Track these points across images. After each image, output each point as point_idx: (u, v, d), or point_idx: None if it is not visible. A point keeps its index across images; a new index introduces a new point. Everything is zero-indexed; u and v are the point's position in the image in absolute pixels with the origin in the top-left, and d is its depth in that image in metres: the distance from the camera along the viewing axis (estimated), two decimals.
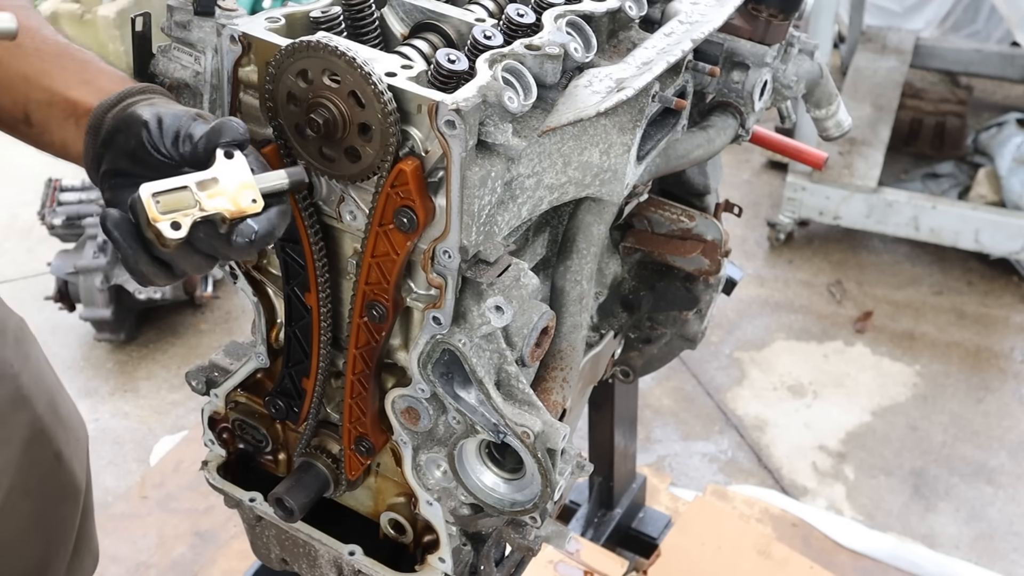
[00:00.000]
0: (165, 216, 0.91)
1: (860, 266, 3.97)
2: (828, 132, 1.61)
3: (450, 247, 1.06)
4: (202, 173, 0.94)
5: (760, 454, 3.17)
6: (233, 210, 0.93)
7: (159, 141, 0.99)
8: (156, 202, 0.91)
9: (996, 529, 2.96)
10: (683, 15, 1.26)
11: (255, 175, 0.96)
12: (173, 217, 0.92)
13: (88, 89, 1.10)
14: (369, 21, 1.14)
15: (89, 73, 1.13)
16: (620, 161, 1.21)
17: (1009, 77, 4.73)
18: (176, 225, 0.92)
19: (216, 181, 0.94)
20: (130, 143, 1.01)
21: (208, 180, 0.94)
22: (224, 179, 0.94)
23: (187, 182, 0.93)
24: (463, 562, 1.36)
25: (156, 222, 0.91)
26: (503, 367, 1.16)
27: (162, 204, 0.91)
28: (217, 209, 0.93)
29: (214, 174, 0.94)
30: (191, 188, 0.93)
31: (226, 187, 0.94)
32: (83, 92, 1.10)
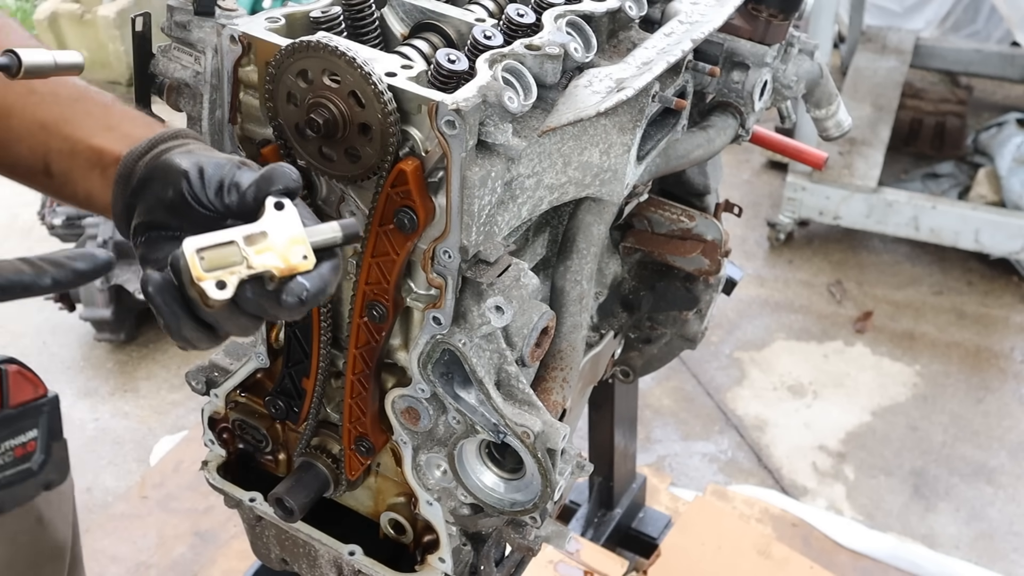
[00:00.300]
0: (210, 274, 0.84)
1: (860, 266, 3.97)
2: (828, 132, 1.61)
3: (450, 247, 1.06)
4: (250, 226, 0.86)
5: (760, 454, 3.17)
6: (283, 267, 0.85)
7: (201, 192, 0.93)
8: (200, 259, 0.83)
9: (996, 529, 2.96)
10: (683, 15, 1.26)
11: (306, 227, 0.88)
12: (218, 275, 0.84)
13: (113, 136, 1.03)
14: (369, 21, 1.14)
15: (113, 118, 1.07)
16: (620, 161, 1.21)
17: (1009, 77, 4.73)
18: (221, 284, 0.84)
19: (265, 235, 0.86)
20: (167, 194, 0.95)
21: (256, 234, 0.86)
22: (273, 233, 0.86)
23: (234, 236, 0.85)
24: (463, 562, 1.36)
25: (200, 281, 0.83)
26: (503, 367, 1.16)
27: (207, 261, 0.84)
28: (266, 266, 0.85)
29: (263, 227, 0.86)
30: (238, 243, 0.85)
31: (275, 242, 0.86)
32: (108, 139, 1.03)
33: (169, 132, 1.03)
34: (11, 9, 5.79)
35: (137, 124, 1.06)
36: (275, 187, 0.90)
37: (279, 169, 0.91)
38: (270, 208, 0.88)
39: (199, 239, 0.85)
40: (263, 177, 0.91)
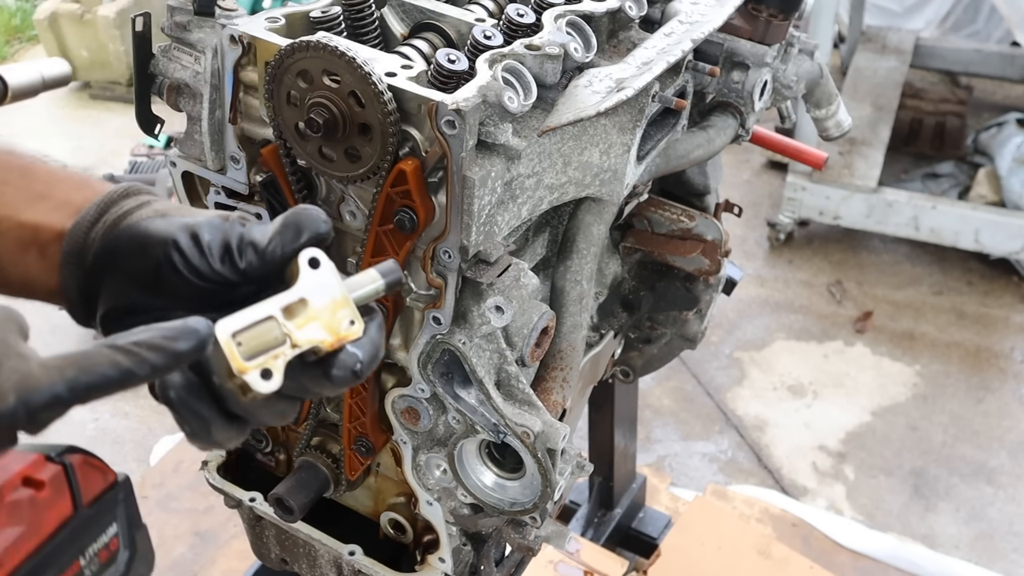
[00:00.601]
0: (252, 362, 0.71)
1: (860, 266, 3.97)
2: (828, 132, 1.60)
3: (450, 247, 1.06)
4: (285, 295, 0.73)
5: (760, 454, 3.17)
6: (331, 340, 0.73)
7: (199, 261, 0.78)
8: (237, 344, 0.70)
9: (996, 529, 2.96)
10: (683, 15, 1.26)
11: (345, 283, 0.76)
12: (261, 362, 0.71)
13: (47, 205, 0.84)
14: (369, 21, 1.14)
15: (38, 183, 0.87)
16: (620, 161, 1.21)
17: (1009, 77, 4.73)
18: (267, 373, 0.71)
19: (304, 303, 0.73)
20: (146, 269, 0.79)
21: (295, 303, 0.73)
22: (313, 298, 0.73)
23: (270, 311, 0.72)
24: (463, 562, 1.36)
25: (243, 373, 0.70)
26: (503, 367, 1.16)
27: (245, 346, 0.71)
28: (312, 341, 0.73)
29: (300, 293, 0.73)
30: (277, 318, 0.72)
31: (317, 308, 0.73)
32: (41, 211, 0.84)
33: (118, 191, 0.85)
34: (11, 9, 5.78)
35: (71, 186, 0.87)
36: (304, 238, 0.77)
37: (305, 214, 0.78)
38: (304, 267, 0.74)
39: (231, 321, 0.71)
40: (287, 227, 0.77)
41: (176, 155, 1.22)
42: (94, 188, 0.86)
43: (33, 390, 0.64)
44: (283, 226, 0.77)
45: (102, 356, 0.66)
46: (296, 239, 0.77)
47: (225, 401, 0.74)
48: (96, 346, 0.67)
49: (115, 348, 0.66)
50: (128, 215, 0.82)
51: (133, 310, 0.80)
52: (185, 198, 1.26)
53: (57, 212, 0.84)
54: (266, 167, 1.14)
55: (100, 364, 0.66)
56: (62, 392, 0.64)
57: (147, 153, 3.93)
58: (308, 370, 0.74)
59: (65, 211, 0.84)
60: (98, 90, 5.04)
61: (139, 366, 0.66)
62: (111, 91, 5.02)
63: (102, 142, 4.66)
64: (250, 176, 1.18)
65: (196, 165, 1.21)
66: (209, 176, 1.20)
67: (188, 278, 0.79)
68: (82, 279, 0.82)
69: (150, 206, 0.84)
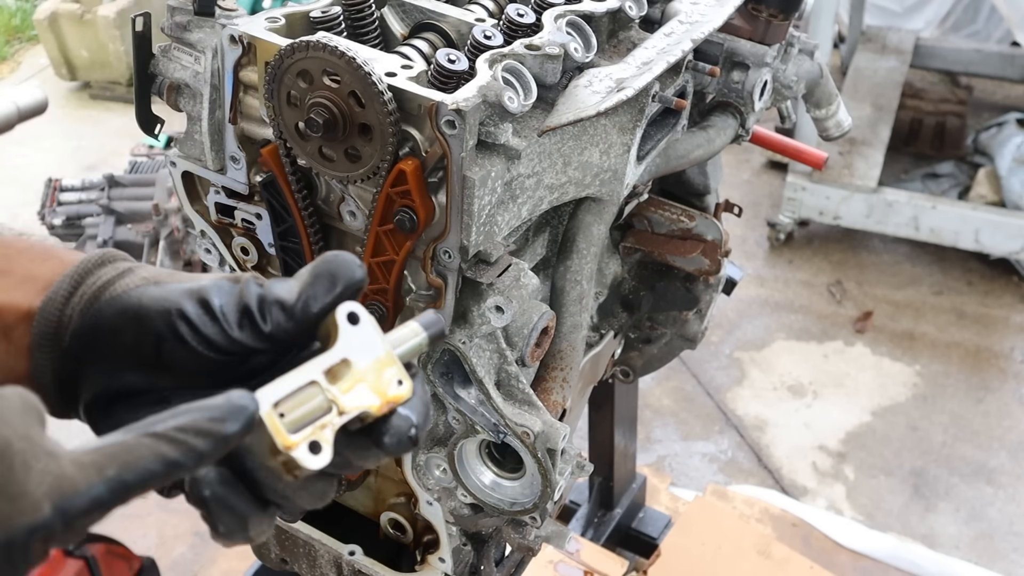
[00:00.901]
0: (297, 436, 0.63)
1: (860, 266, 3.97)
2: (828, 132, 1.60)
3: (450, 247, 1.06)
4: (326, 356, 0.65)
5: (760, 454, 3.17)
6: (380, 403, 0.66)
7: (213, 330, 0.68)
8: (280, 416, 0.62)
9: (996, 529, 2.96)
10: (683, 15, 1.26)
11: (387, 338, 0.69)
12: (308, 434, 0.63)
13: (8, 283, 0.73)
14: (369, 21, 1.14)
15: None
16: (620, 161, 1.21)
17: (1009, 77, 4.73)
18: (315, 446, 0.63)
19: (347, 364, 0.66)
20: (143, 346, 0.69)
21: (337, 365, 0.65)
22: (356, 357, 0.66)
23: (312, 375, 0.64)
24: (463, 562, 1.36)
25: (290, 449, 0.62)
26: (503, 367, 1.16)
27: (288, 418, 0.63)
28: (361, 407, 0.65)
29: (342, 353, 0.66)
30: (320, 383, 0.64)
31: (362, 369, 0.66)
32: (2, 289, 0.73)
33: (91, 259, 0.74)
34: (11, 9, 5.78)
35: (33, 257, 0.75)
36: (339, 289, 0.68)
37: (338, 261, 0.69)
38: (343, 323, 0.67)
39: (271, 391, 0.63)
40: (319, 278, 0.68)
41: (176, 155, 1.22)
42: (60, 258, 0.75)
43: (70, 495, 0.55)
44: (314, 277, 0.68)
45: (143, 447, 0.58)
46: (331, 291, 0.68)
47: (261, 487, 0.65)
48: (133, 435, 0.58)
49: (156, 436, 0.58)
50: (109, 286, 0.72)
51: (126, 394, 0.70)
52: (185, 198, 1.26)
53: (21, 289, 0.73)
54: (266, 167, 1.14)
55: (143, 458, 0.57)
56: (103, 495, 0.56)
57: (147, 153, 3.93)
58: (354, 440, 0.66)
59: (31, 287, 0.73)
60: (98, 90, 5.05)
61: (186, 456, 0.58)
62: (111, 91, 5.02)
63: (102, 142, 4.66)
64: (250, 176, 1.18)
65: (196, 165, 1.21)
66: (209, 176, 1.20)
67: (198, 351, 0.68)
68: (58, 362, 0.71)
69: (134, 273, 0.73)
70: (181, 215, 3.47)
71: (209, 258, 1.30)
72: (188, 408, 0.60)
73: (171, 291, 0.70)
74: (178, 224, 3.49)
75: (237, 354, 0.69)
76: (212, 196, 1.23)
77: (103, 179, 3.63)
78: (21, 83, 5.26)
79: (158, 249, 3.52)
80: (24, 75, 5.35)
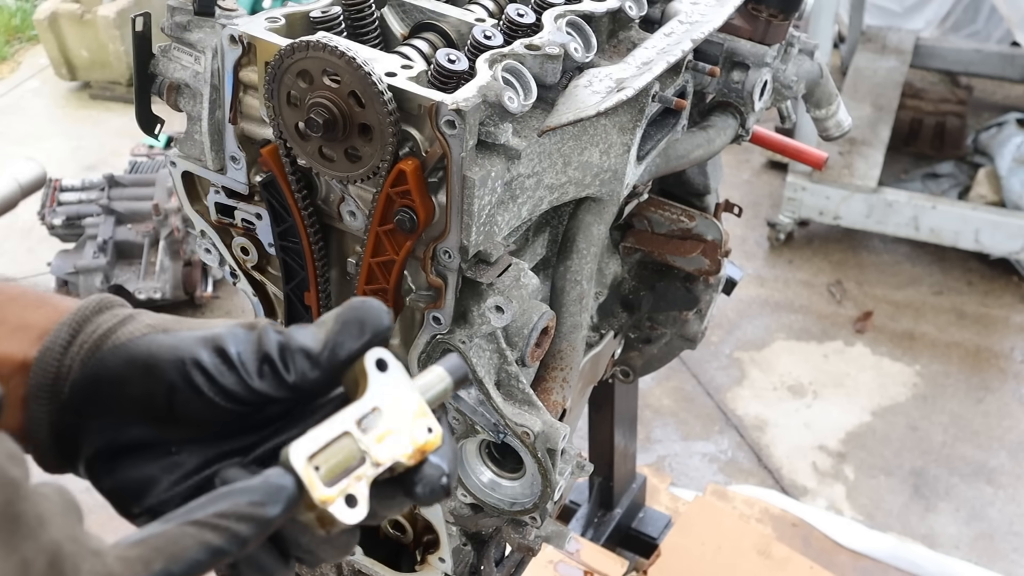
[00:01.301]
0: (334, 489, 0.61)
1: (860, 266, 3.97)
2: (828, 132, 1.60)
3: (450, 247, 1.06)
4: (357, 406, 0.64)
5: (760, 454, 3.17)
6: (411, 452, 0.64)
7: (230, 380, 0.66)
8: (315, 469, 0.61)
9: (996, 529, 2.96)
10: (683, 15, 1.26)
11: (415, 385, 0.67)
12: (344, 487, 0.61)
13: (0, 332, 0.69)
14: (369, 21, 1.14)
15: None
16: (620, 161, 1.21)
17: (1009, 77, 4.73)
18: (351, 499, 0.61)
19: (378, 412, 0.64)
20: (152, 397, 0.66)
21: (368, 414, 0.64)
22: (386, 406, 0.64)
23: (345, 425, 0.63)
24: (463, 562, 1.36)
25: (328, 504, 0.60)
26: (503, 367, 1.16)
27: (322, 471, 0.61)
28: (394, 457, 0.64)
29: (373, 402, 0.64)
30: (352, 433, 0.63)
31: (393, 419, 0.64)
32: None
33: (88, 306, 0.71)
34: (11, 9, 5.78)
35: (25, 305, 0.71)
36: (367, 337, 0.66)
37: (366, 308, 0.67)
38: (372, 370, 0.65)
39: (305, 444, 0.61)
40: (348, 324, 0.66)
41: (176, 155, 1.22)
42: (54, 305, 0.71)
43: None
44: (342, 324, 0.66)
45: (187, 537, 0.56)
46: (359, 338, 0.66)
47: (285, 542, 0.63)
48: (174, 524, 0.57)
49: (199, 525, 0.57)
50: (111, 334, 0.69)
51: (133, 448, 0.67)
52: (185, 198, 1.26)
53: (14, 338, 0.69)
54: (266, 167, 1.14)
55: (188, 548, 0.56)
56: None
57: (147, 153, 3.93)
58: (382, 490, 0.63)
59: (24, 336, 0.69)
60: (98, 90, 5.05)
61: (230, 543, 0.57)
62: (111, 91, 5.02)
63: (102, 142, 4.66)
64: (250, 176, 1.18)
65: (196, 165, 1.21)
66: (209, 176, 1.20)
67: (213, 402, 0.65)
68: (56, 415, 0.68)
69: (136, 320, 0.70)
70: (181, 215, 3.47)
71: (209, 258, 1.30)
72: (226, 492, 0.58)
73: (183, 339, 0.67)
74: (178, 224, 3.49)
75: (254, 404, 0.67)
76: (212, 196, 1.23)
77: (103, 179, 3.63)
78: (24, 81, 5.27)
79: (158, 249, 3.52)
80: (24, 75, 5.35)
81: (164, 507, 0.65)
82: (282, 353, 0.66)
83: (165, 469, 0.66)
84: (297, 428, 0.67)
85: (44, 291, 0.74)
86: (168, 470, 0.66)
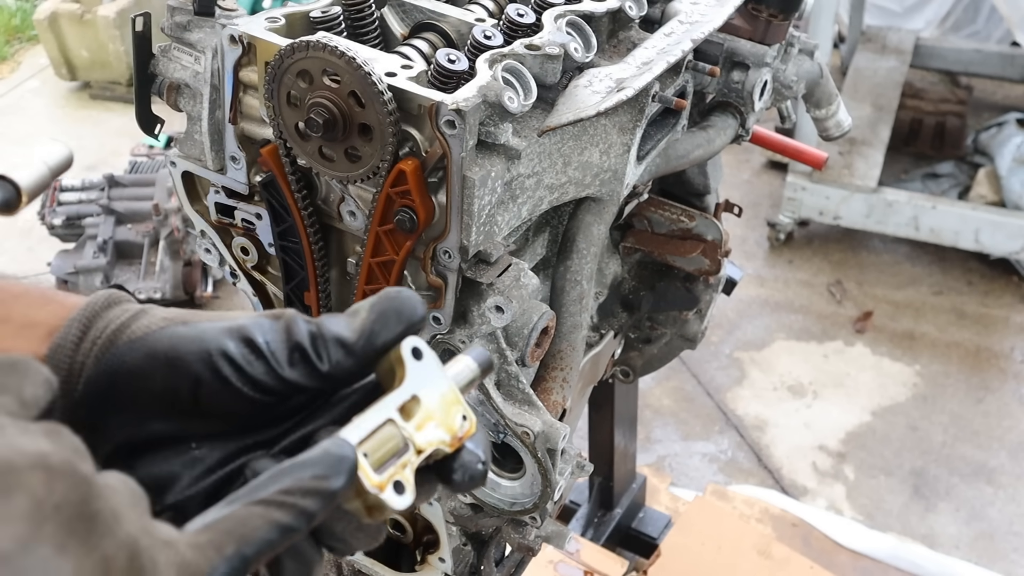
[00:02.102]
0: (383, 476, 0.62)
1: (860, 266, 3.97)
2: (828, 132, 1.60)
3: (450, 247, 1.06)
4: (397, 394, 0.64)
5: (760, 454, 3.17)
6: (450, 439, 0.65)
7: (261, 370, 0.64)
8: (364, 456, 0.61)
9: (996, 529, 2.96)
10: (683, 15, 1.26)
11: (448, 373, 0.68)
12: (392, 474, 0.62)
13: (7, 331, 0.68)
14: (369, 21, 1.14)
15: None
16: (620, 161, 1.21)
17: (1009, 77, 4.73)
18: (400, 487, 0.62)
19: (417, 401, 0.65)
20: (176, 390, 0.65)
21: (408, 401, 0.65)
22: (424, 394, 0.65)
23: (388, 413, 0.63)
24: (463, 562, 1.36)
25: (379, 489, 0.61)
26: (503, 367, 1.16)
27: (371, 458, 0.61)
28: (433, 444, 0.65)
29: (412, 390, 0.65)
30: (396, 421, 0.64)
31: (431, 406, 0.65)
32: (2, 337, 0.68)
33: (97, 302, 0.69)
34: (11, 9, 5.78)
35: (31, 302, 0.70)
36: (404, 325, 0.66)
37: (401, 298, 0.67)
38: (409, 358, 0.65)
39: (354, 431, 0.61)
40: (384, 315, 0.66)
41: (176, 155, 1.22)
42: (60, 302, 0.69)
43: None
44: (379, 314, 0.66)
45: (255, 517, 0.56)
46: (396, 327, 0.65)
47: (320, 532, 0.63)
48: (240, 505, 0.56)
49: (265, 503, 0.56)
50: (125, 328, 0.67)
51: (153, 444, 0.66)
52: (185, 198, 1.26)
53: (21, 337, 0.67)
54: (266, 167, 1.14)
55: (258, 528, 0.55)
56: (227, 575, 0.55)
57: (147, 153, 3.93)
58: (421, 477, 0.64)
59: (32, 335, 0.67)
60: (98, 90, 5.05)
61: (298, 519, 0.56)
62: (111, 91, 5.03)
63: (102, 142, 4.66)
64: (250, 176, 1.18)
65: (196, 165, 1.21)
66: (209, 176, 1.20)
67: (242, 392, 0.64)
68: (69, 414, 0.65)
69: (150, 314, 0.68)
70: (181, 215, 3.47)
71: (209, 258, 1.30)
72: (286, 468, 0.58)
73: (206, 330, 0.65)
74: (178, 224, 3.49)
75: (282, 395, 0.66)
76: (212, 196, 1.23)
77: (103, 179, 3.63)
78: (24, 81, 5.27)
79: (158, 249, 3.52)
80: (24, 75, 5.35)
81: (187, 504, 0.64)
82: (314, 342, 0.65)
83: (186, 465, 0.65)
84: (323, 418, 0.67)
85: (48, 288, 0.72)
86: (189, 466, 0.65)
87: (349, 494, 0.60)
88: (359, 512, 0.62)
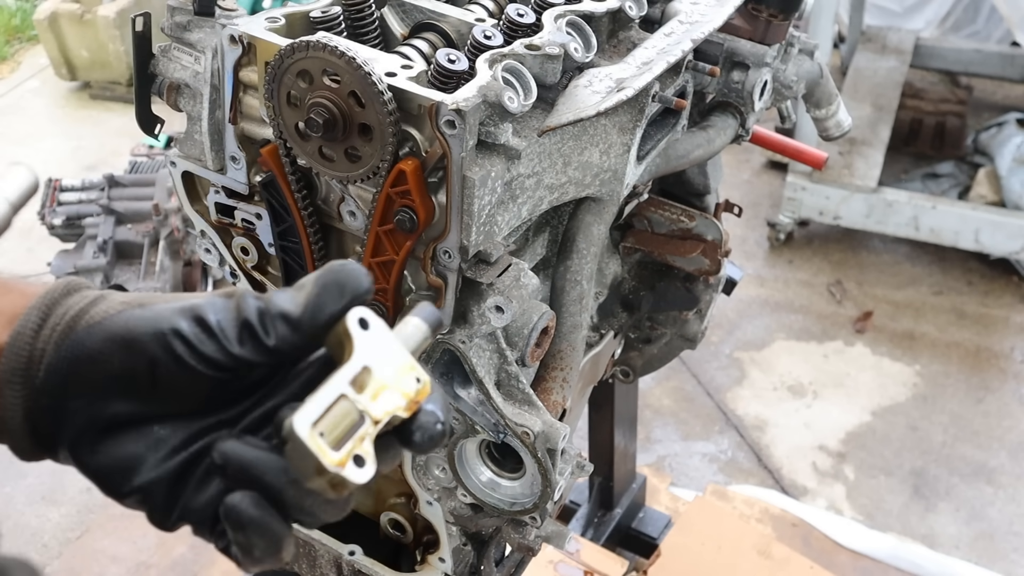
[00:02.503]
0: (342, 453, 0.63)
1: (860, 266, 3.96)
2: (828, 132, 1.60)
3: (450, 247, 1.06)
4: (348, 367, 0.65)
5: (760, 454, 3.17)
6: (405, 404, 0.66)
7: (212, 347, 0.66)
8: (320, 436, 0.62)
9: (996, 529, 2.96)
10: (683, 15, 1.26)
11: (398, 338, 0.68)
12: (351, 449, 0.63)
13: None
14: (369, 21, 1.14)
15: None
16: (620, 161, 1.21)
17: (1009, 77, 4.73)
18: (359, 460, 0.63)
19: (369, 371, 0.65)
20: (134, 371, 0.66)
21: (360, 373, 0.65)
22: (375, 363, 0.66)
23: (340, 388, 0.64)
24: (463, 562, 1.36)
25: (339, 467, 0.62)
26: (503, 367, 1.16)
27: (327, 436, 0.62)
28: (389, 412, 0.65)
29: (362, 361, 0.65)
30: (348, 395, 0.64)
31: (384, 374, 0.66)
32: None
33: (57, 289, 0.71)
34: (11, 9, 5.78)
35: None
36: (348, 298, 0.67)
37: (345, 271, 0.68)
38: (356, 330, 0.66)
39: (307, 413, 0.62)
40: (327, 288, 0.67)
41: (176, 155, 1.22)
42: (20, 291, 0.71)
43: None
44: (321, 288, 0.67)
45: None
46: (339, 300, 0.67)
47: (287, 507, 0.64)
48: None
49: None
50: (84, 314, 0.68)
51: (116, 426, 0.67)
52: (185, 198, 1.26)
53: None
54: (266, 167, 1.14)
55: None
56: None
57: (147, 153, 3.93)
58: (381, 444, 0.65)
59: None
60: (98, 90, 5.04)
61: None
62: (111, 91, 5.02)
63: (102, 142, 4.66)
64: (250, 176, 1.18)
65: (196, 165, 1.21)
66: (209, 176, 1.21)
67: (197, 370, 0.66)
68: (31, 400, 0.67)
69: (107, 300, 0.70)
70: (181, 215, 3.47)
71: (209, 258, 1.30)
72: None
73: (161, 311, 0.67)
74: (178, 224, 3.49)
75: (235, 371, 0.67)
76: (212, 196, 1.23)
77: (103, 179, 3.63)
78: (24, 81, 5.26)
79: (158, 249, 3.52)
80: (24, 75, 5.35)
81: (154, 486, 0.66)
82: (261, 319, 0.67)
83: (150, 447, 0.67)
84: (282, 394, 0.69)
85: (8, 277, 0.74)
86: (154, 447, 0.67)
87: (311, 474, 0.62)
88: (323, 489, 0.63)
